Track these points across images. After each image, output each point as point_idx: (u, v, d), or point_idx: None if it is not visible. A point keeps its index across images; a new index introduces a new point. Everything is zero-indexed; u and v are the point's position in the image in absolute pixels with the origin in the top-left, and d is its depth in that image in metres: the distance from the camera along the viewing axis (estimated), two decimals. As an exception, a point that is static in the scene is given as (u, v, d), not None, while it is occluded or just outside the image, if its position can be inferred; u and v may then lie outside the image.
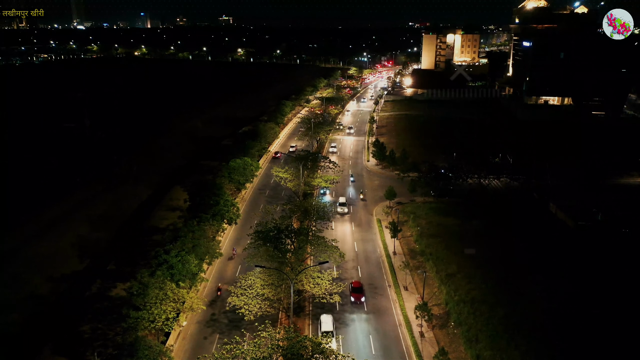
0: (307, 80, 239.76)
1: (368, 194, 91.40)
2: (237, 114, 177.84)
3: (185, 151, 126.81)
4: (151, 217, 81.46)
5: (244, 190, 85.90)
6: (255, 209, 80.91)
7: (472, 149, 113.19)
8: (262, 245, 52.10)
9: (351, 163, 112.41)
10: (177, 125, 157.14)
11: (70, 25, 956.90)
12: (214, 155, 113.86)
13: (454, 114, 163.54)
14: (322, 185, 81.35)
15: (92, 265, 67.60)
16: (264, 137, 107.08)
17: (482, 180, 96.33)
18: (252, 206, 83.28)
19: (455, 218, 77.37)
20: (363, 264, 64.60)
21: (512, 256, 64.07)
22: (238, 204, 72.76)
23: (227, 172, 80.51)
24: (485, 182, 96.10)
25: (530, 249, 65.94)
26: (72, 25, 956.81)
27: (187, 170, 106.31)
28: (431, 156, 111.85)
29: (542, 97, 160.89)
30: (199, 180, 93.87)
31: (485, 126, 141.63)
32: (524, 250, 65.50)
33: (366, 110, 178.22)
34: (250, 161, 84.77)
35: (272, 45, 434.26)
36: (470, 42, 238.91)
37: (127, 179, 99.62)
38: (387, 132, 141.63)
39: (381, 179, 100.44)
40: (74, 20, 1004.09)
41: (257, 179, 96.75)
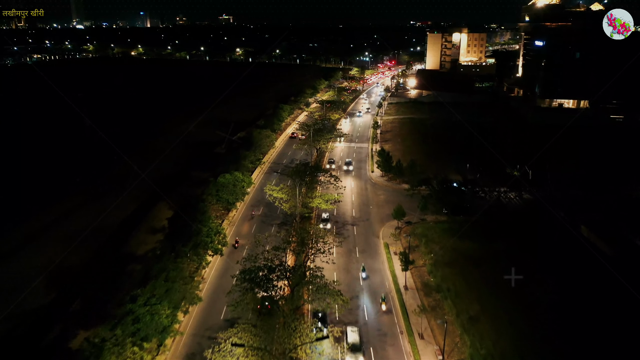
0: (307, 81, 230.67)
1: (373, 211, 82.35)
2: (234, 117, 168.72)
3: (177, 157, 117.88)
4: (131, 239, 72.66)
5: (234, 210, 76.38)
6: (246, 234, 71.81)
7: (485, 159, 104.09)
8: (249, 289, 43.10)
9: (354, 174, 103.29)
10: (170, 128, 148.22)
11: (70, 24, 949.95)
12: (206, 164, 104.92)
13: (461, 117, 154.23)
14: (322, 207, 71.33)
15: (57, 299, 59.16)
16: (258, 147, 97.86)
17: (501, 196, 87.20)
18: (242, 230, 73.62)
19: (472, 241, 68.41)
20: (370, 301, 55.49)
21: (542, 292, 55.14)
22: (225, 230, 63.60)
23: (214, 189, 71.58)
24: (504, 197, 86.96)
25: (563, 284, 56.93)
26: (71, 24, 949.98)
27: (176, 181, 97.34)
28: (441, 166, 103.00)
29: (556, 100, 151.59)
30: (186, 195, 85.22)
31: (496, 131, 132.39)
32: (555, 286, 56.53)
33: (369, 113, 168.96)
34: (242, 176, 75.69)
35: (272, 44, 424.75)
36: (477, 42, 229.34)
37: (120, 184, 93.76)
38: (392, 137, 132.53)
39: (387, 193, 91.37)
40: (74, 20, 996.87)
41: (252, 191, 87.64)
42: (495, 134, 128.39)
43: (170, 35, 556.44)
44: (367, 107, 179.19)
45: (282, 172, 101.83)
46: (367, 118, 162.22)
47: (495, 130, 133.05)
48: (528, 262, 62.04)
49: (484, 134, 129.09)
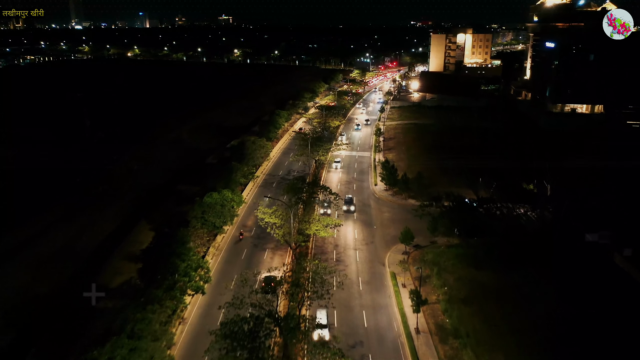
0: (306, 83, 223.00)
1: (377, 232, 74.40)
2: (229, 121, 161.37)
3: (166, 166, 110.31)
4: (107, 266, 64.78)
5: (221, 235, 68.16)
6: (234, 262, 63.78)
7: (498, 170, 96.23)
8: (230, 350, 35.22)
9: (355, 187, 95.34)
10: (162, 134, 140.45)
11: (69, 25, 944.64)
12: (195, 176, 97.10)
13: (468, 122, 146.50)
14: (320, 235, 62.83)
15: (14, 342, 51.48)
16: (251, 159, 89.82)
17: (519, 214, 79.24)
18: (230, 258, 64.92)
19: (490, 270, 60.59)
20: (375, 349, 47.52)
21: (576, 335, 47.36)
22: (208, 263, 55.48)
23: (200, 210, 63.64)
24: (522, 215, 79.01)
25: (599, 322, 49.02)
26: (70, 25, 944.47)
27: (161, 196, 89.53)
28: (450, 179, 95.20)
29: (568, 104, 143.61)
30: (171, 214, 77.45)
31: (506, 138, 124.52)
32: (589, 325, 48.68)
33: (370, 119, 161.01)
34: (231, 195, 67.68)
35: (271, 45, 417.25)
36: (482, 42, 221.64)
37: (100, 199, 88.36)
38: (396, 145, 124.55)
39: (392, 210, 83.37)
40: (72, 20, 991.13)
41: (243, 210, 79.63)
42: (506, 142, 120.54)
43: (168, 35, 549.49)
44: (369, 111, 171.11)
45: (278, 186, 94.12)
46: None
47: (505, 137, 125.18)
48: (554, 296, 54.48)
49: (495, 142, 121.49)
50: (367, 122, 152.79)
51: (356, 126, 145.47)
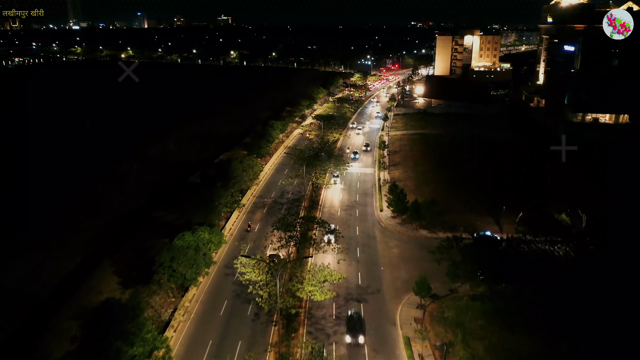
0: (304, 87, 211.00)
1: (385, 275, 62.25)
2: (221, 130, 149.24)
3: (145, 186, 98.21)
4: (53, 324, 52.69)
5: (193, 289, 55.61)
6: (206, 336, 49.52)
7: (521, 192, 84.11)
8: None
9: (358, 212, 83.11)
10: (145, 147, 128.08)
11: (67, 25, 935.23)
12: (174, 199, 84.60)
13: (479, 132, 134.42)
14: (316, 299, 48.85)
15: None
16: (238, 182, 77.50)
17: (553, 251, 67.00)
18: (201, 328, 50.57)
19: (529, 335, 48.54)
20: None
21: None
22: (169, 339, 43.09)
23: (168, 257, 51.41)
24: (557, 253, 66.77)
25: None
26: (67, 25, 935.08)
27: (133, 226, 77.28)
28: (467, 203, 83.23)
29: (590, 114, 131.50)
30: (140, 251, 65.31)
31: (524, 152, 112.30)
32: None
33: (373, 127, 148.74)
34: (208, 235, 55.41)
35: (269, 46, 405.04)
36: (490, 45, 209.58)
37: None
38: (402, 160, 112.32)
39: (402, 244, 71.16)
40: (70, 21, 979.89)
41: (223, 251, 66.86)
42: (525, 157, 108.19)
43: (164, 36, 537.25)
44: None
45: (270, 211, 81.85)
46: (372, 133, 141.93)
47: (523, 151, 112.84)
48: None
49: (512, 156, 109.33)
50: (366, 147, 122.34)
51: (353, 154, 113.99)
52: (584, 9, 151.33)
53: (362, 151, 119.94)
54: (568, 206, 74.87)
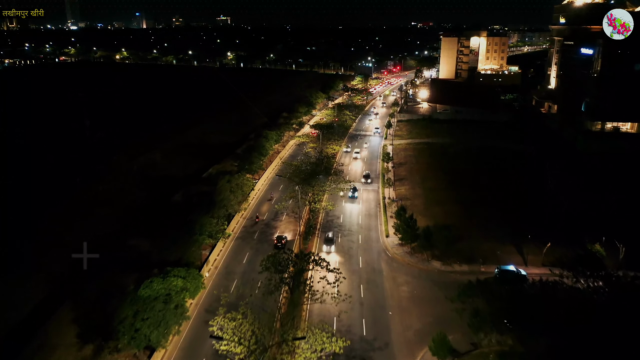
0: (302, 91, 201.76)
1: (394, 323, 52.62)
2: (213, 139, 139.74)
3: (124, 207, 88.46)
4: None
5: (161, 352, 44.88)
6: None
7: (544, 216, 74.33)
8: None
9: (361, 239, 73.46)
10: (127, 161, 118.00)
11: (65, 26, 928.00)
12: (153, 224, 74.95)
13: (490, 142, 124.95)
14: None
15: None
16: (224, 206, 67.79)
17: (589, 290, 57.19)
18: None
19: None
20: None
21: None
22: None
23: (131, 312, 41.80)
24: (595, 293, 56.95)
25: None
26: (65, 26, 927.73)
27: (104, 257, 67.27)
28: (484, 228, 73.68)
29: (609, 122, 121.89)
30: (105, 291, 55.59)
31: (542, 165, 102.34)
32: None
33: (376, 136, 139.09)
34: (182, 282, 45.72)
35: (268, 47, 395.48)
36: (497, 47, 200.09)
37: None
38: (408, 174, 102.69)
39: (412, 280, 61.54)
40: (69, 21, 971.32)
41: (201, 298, 56.64)
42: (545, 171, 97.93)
43: (160, 37, 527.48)
44: (375, 128, 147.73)
45: (261, 237, 72.26)
46: (375, 143, 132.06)
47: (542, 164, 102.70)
48: None
49: (530, 170, 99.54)
50: (367, 179, 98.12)
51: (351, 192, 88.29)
52: (599, 9, 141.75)
53: (362, 182, 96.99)
54: (603, 233, 65.29)
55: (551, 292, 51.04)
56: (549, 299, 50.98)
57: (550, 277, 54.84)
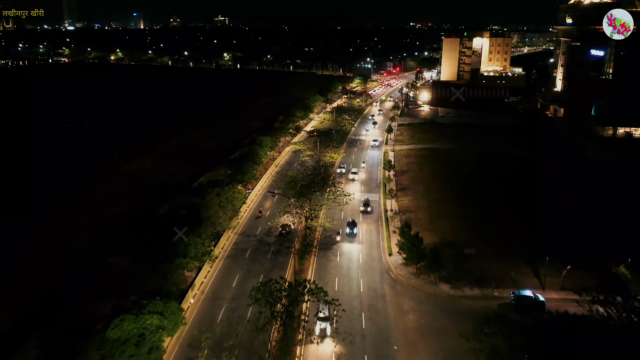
0: (300, 93, 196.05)
1: (401, 356, 46.75)
2: (207, 144, 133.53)
3: (105, 220, 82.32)
4: None
5: None
6: None
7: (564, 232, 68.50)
8: None
9: (362, 258, 67.48)
10: (114, 168, 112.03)
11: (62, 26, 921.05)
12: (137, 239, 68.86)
13: (497, 148, 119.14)
14: None
15: None
16: (212, 224, 61.81)
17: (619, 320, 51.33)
18: None
19: None
20: None
21: None
22: None
23: (99, 357, 35.73)
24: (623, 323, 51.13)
25: None
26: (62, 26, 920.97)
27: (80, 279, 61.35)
28: (495, 246, 67.82)
29: (622, 127, 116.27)
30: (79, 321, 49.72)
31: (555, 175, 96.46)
32: None
33: (377, 142, 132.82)
34: (158, 321, 39.77)
35: (265, 48, 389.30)
36: (500, 48, 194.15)
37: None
38: (411, 183, 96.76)
39: (419, 307, 55.63)
40: (66, 21, 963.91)
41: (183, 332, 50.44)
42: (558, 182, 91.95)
43: (157, 37, 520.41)
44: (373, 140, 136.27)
45: (253, 256, 66.30)
46: (374, 158, 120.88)
47: (554, 174, 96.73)
48: None
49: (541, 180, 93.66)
50: (366, 207, 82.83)
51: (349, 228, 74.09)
52: (609, 8, 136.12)
53: (361, 212, 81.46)
54: (628, 254, 59.55)
55: (578, 327, 45.21)
56: (577, 335, 45.06)
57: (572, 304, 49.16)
